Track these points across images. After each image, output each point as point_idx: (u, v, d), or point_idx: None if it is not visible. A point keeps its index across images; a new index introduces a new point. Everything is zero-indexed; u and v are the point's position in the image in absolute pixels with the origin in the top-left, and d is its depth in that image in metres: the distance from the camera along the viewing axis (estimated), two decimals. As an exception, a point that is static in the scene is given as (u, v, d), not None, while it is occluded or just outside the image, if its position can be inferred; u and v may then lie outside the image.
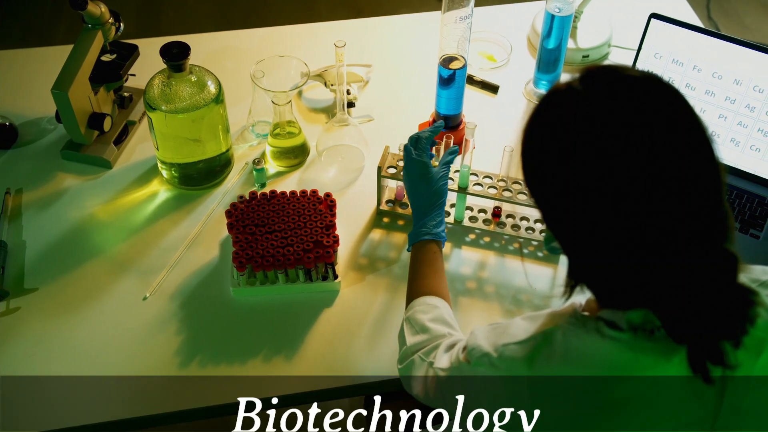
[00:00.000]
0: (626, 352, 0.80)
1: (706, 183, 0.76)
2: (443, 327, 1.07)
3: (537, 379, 0.83)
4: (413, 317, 1.10)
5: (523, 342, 0.86)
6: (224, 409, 1.17)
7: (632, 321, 0.81)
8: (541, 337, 0.85)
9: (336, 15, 3.05)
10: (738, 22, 3.11)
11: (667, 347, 0.80)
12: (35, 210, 1.40)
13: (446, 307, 1.12)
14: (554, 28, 1.48)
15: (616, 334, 0.81)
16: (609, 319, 0.83)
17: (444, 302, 1.12)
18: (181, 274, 1.31)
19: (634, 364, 0.80)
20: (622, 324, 0.81)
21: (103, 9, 1.40)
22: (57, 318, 1.25)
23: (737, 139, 1.42)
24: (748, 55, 1.37)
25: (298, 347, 1.22)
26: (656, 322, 0.80)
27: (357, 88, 1.59)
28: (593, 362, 0.81)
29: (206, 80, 1.35)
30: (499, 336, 0.90)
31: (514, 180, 1.32)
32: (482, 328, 0.95)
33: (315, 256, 1.24)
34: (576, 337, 0.83)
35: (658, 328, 0.80)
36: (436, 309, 1.10)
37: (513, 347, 0.86)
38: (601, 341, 0.81)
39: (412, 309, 1.12)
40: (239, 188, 1.44)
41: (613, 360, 0.80)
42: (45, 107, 1.54)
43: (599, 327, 0.82)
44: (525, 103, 1.61)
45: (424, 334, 1.07)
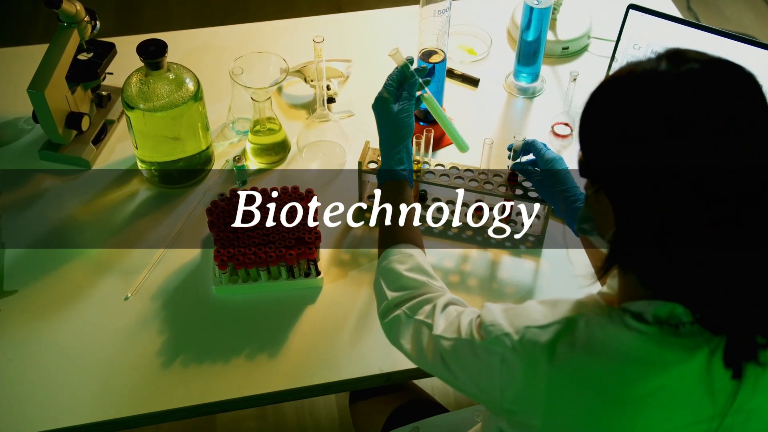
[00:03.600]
0: (652, 346, 0.79)
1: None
2: (422, 276, 1.06)
3: (557, 365, 0.81)
4: (389, 267, 1.08)
5: (546, 327, 0.84)
6: (207, 408, 1.17)
7: (659, 314, 0.80)
8: (564, 323, 0.83)
9: (317, 11, 3.03)
10: (718, 12, 3.13)
11: (692, 343, 0.79)
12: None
13: (421, 254, 1.10)
14: (533, 20, 1.48)
15: (642, 327, 0.80)
16: (635, 310, 0.82)
17: (418, 250, 1.10)
18: (162, 274, 1.30)
19: (658, 359, 0.79)
20: (648, 317, 0.80)
21: (78, 7, 1.39)
22: (38, 320, 1.24)
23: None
24: (725, 45, 1.37)
25: (282, 345, 1.22)
26: (683, 317, 0.79)
27: (337, 84, 1.58)
28: (617, 353, 0.80)
29: (184, 78, 1.34)
30: (517, 317, 0.88)
31: (495, 173, 1.32)
32: (496, 306, 0.93)
33: (297, 252, 1.24)
34: (600, 326, 0.82)
35: (683, 323, 0.79)
36: (412, 258, 1.08)
37: (535, 330, 0.84)
38: (627, 333, 0.80)
39: (387, 259, 1.09)
40: (220, 186, 1.43)
41: (637, 353, 0.79)
42: (22, 107, 1.52)
43: (624, 318, 0.81)
44: (505, 95, 1.61)
45: (405, 287, 1.05)
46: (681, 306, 0.80)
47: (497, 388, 0.87)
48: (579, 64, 1.66)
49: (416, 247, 1.11)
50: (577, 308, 0.86)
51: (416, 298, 1.04)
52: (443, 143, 1.50)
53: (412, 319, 1.02)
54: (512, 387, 0.85)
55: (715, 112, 0.74)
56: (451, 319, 0.98)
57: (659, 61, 0.78)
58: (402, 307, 1.04)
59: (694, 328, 0.79)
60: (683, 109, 0.74)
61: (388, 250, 1.10)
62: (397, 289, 1.06)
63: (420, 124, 1.48)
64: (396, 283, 1.06)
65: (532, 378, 0.83)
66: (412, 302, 1.03)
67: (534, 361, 0.83)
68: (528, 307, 0.89)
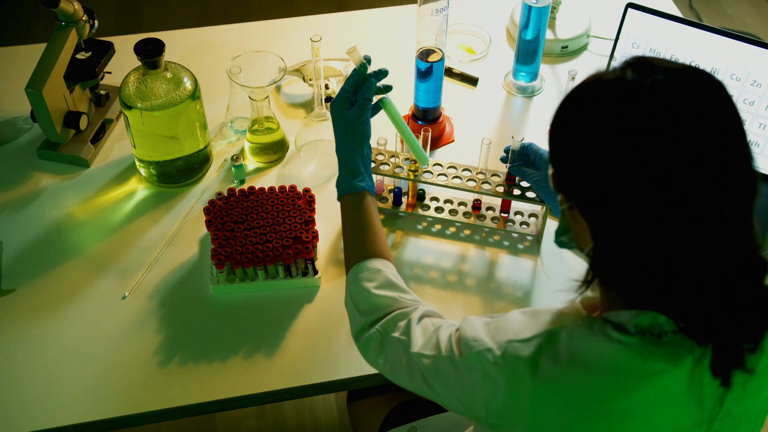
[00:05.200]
0: (634, 357, 0.78)
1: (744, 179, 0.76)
2: (392, 291, 1.03)
3: (540, 379, 0.80)
4: (358, 287, 1.05)
5: (527, 340, 0.83)
6: (205, 408, 1.16)
7: (640, 324, 0.79)
8: (546, 336, 0.83)
9: (318, 10, 3.03)
10: (720, 11, 3.12)
11: (675, 352, 0.78)
12: (12, 210, 1.38)
13: (388, 266, 1.07)
14: (532, 19, 1.48)
15: (624, 338, 0.79)
16: (616, 321, 0.81)
17: (385, 262, 1.07)
18: (160, 273, 1.30)
19: (641, 370, 0.78)
20: (629, 327, 0.79)
21: (76, 6, 1.39)
22: (35, 319, 1.24)
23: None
24: (723, 43, 1.37)
25: (279, 344, 1.22)
26: (665, 326, 0.78)
27: (336, 83, 1.58)
28: (600, 366, 0.79)
29: (182, 77, 1.34)
30: (499, 331, 0.87)
31: (493, 172, 1.32)
32: (477, 319, 0.91)
33: (294, 251, 1.24)
34: (582, 338, 0.81)
35: (666, 332, 0.79)
36: (380, 273, 1.05)
37: (517, 345, 0.83)
38: (609, 344, 0.80)
39: (355, 277, 1.06)
40: (218, 185, 1.43)
41: (620, 364, 0.79)
42: (21, 106, 1.52)
43: (606, 330, 0.81)
44: (504, 95, 1.60)
45: (376, 306, 1.02)
46: (663, 315, 0.79)
47: (481, 403, 0.86)
48: (578, 63, 1.66)
49: (383, 258, 1.08)
50: (558, 319, 0.85)
51: (389, 315, 1.01)
52: (441, 143, 1.50)
53: (387, 337, 0.99)
54: (496, 402, 0.84)
55: (683, 122, 0.73)
56: (429, 334, 0.95)
57: (624, 70, 0.77)
58: (375, 326, 1.01)
59: (677, 337, 0.79)
60: (650, 119, 0.74)
61: (355, 267, 1.07)
62: (368, 309, 1.03)
63: (418, 123, 1.48)
64: (366, 303, 1.03)
65: (516, 392, 0.82)
66: (385, 320, 1.01)
67: (517, 375, 0.82)
68: (509, 320, 0.88)
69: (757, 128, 1.39)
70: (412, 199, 1.37)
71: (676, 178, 0.73)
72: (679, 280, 0.76)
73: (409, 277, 1.30)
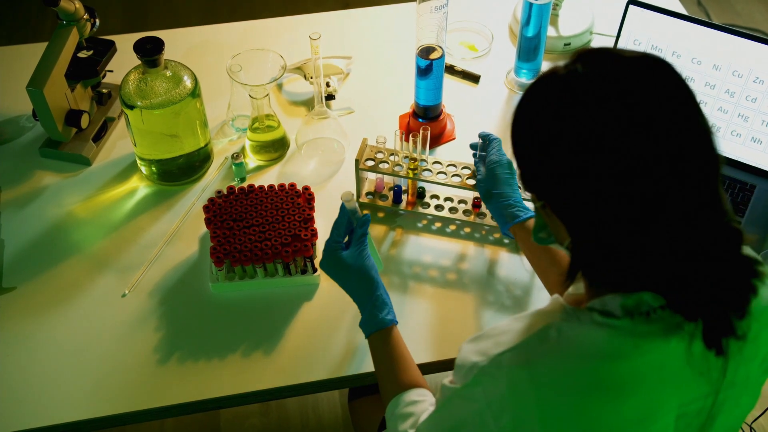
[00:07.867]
0: (626, 338, 0.79)
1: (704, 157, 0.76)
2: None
3: (538, 381, 0.80)
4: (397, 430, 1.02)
5: (517, 347, 0.83)
6: (205, 405, 1.17)
7: (627, 305, 0.80)
8: (534, 338, 0.83)
9: (324, 7, 3.03)
10: (728, 8, 3.10)
11: (665, 328, 0.79)
12: (14, 208, 1.39)
13: (425, 395, 1.04)
14: (533, 16, 1.47)
15: (613, 322, 0.80)
16: (601, 308, 0.81)
17: (421, 391, 1.05)
18: (160, 271, 1.30)
19: (634, 349, 0.79)
20: (616, 311, 0.80)
21: (77, 5, 1.39)
22: (36, 316, 1.25)
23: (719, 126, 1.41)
24: (726, 39, 1.36)
25: (278, 341, 1.22)
26: (651, 302, 0.79)
27: (337, 81, 1.58)
28: (594, 352, 0.79)
29: (182, 75, 1.34)
30: (489, 345, 0.86)
31: (493, 170, 1.32)
32: (467, 345, 0.90)
33: (293, 249, 1.24)
34: (571, 330, 0.82)
35: (654, 309, 0.79)
36: (413, 416, 1.01)
37: (508, 355, 0.83)
38: (599, 330, 0.80)
39: (393, 412, 1.04)
40: (219, 183, 1.43)
41: (613, 347, 0.79)
42: (23, 105, 1.53)
43: (593, 317, 0.81)
44: (506, 92, 1.60)
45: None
46: (648, 293, 0.80)
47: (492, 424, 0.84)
48: (581, 60, 1.65)
49: (418, 387, 1.05)
50: (544, 318, 0.85)
51: None
52: (442, 140, 1.50)
53: None
54: (504, 416, 0.83)
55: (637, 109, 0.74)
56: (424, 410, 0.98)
57: (575, 63, 0.78)
58: None
59: (665, 313, 0.80)
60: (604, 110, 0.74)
61: (391, 404, 1.05)
62: None
63: (419, 120, 1.48)
64: None
65: (520, 400, 0.81)
66: None
67: (516, 384, 0.81)
68: (497, 330, 0.88)
69: (759, 125, 1.38)
70: (411, 197, 1.37)
71: (637, 165, 0.74)
72: (658, 260, 0.77)
73: (408, 276, 1.30)
